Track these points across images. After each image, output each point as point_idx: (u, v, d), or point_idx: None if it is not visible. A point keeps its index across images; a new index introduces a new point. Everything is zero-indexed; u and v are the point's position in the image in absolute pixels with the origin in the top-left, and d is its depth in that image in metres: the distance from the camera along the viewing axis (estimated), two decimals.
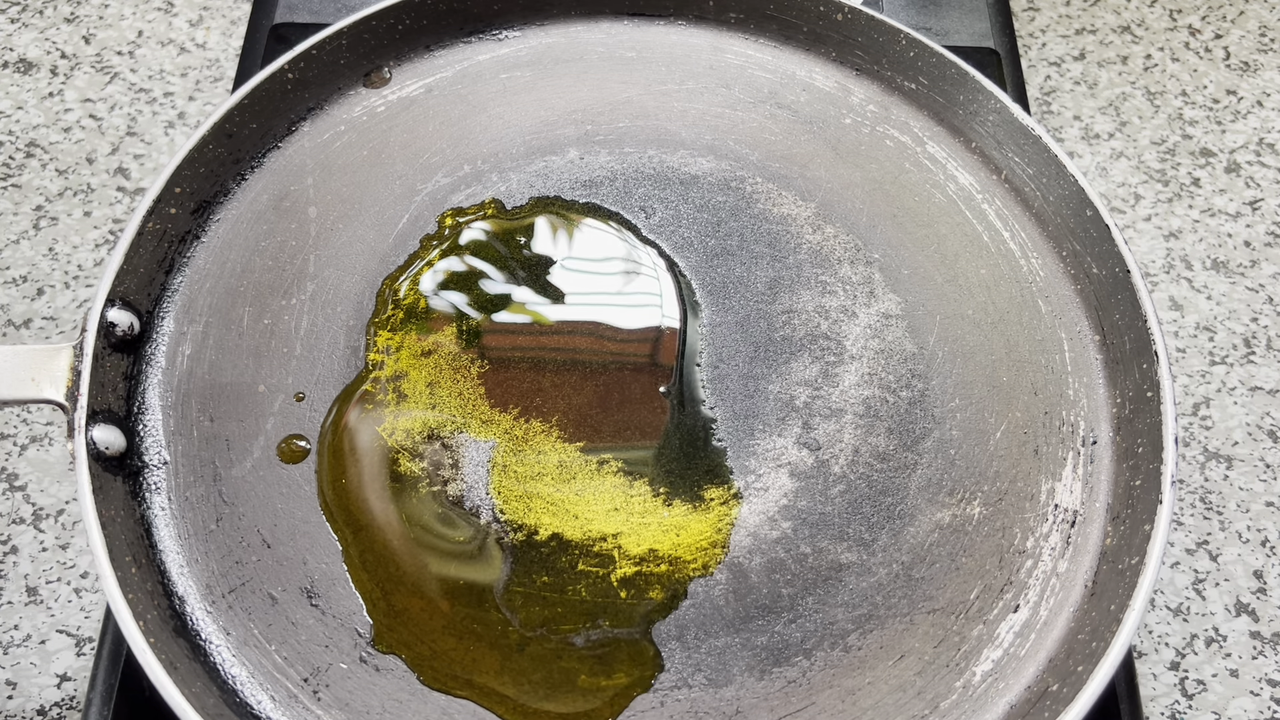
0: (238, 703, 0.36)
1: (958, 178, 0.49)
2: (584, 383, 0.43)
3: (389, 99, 0.50)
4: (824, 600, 0.39)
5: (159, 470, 0.40)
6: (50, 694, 0.44)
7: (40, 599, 0.46)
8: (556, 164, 0.49)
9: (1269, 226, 0.60)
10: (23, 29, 0.64)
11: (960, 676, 0.38)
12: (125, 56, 0.64)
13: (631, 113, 0.50)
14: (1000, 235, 0.47)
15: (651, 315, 0.45)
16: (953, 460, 0.42)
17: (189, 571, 0.38)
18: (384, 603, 0.38)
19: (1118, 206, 0.60)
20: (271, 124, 0.48)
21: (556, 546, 0.39)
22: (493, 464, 0.41)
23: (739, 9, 0.52)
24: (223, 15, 0.66)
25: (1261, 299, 0.57)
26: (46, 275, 0.55)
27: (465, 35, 0.52)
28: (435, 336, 0.44)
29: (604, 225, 0.47)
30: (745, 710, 0.37)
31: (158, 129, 0.61)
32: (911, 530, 0.40)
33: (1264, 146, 0.63)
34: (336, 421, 0.41)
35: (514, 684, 0.37)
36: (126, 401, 0.41)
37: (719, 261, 0.46)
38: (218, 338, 0.43)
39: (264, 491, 0.40)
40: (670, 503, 0.40)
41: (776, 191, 0.48)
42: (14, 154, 0.59)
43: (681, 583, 0.39)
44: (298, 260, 0.45)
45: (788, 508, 0.41)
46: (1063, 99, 0.64)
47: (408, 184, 0.48)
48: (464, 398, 0.42)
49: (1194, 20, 0.68)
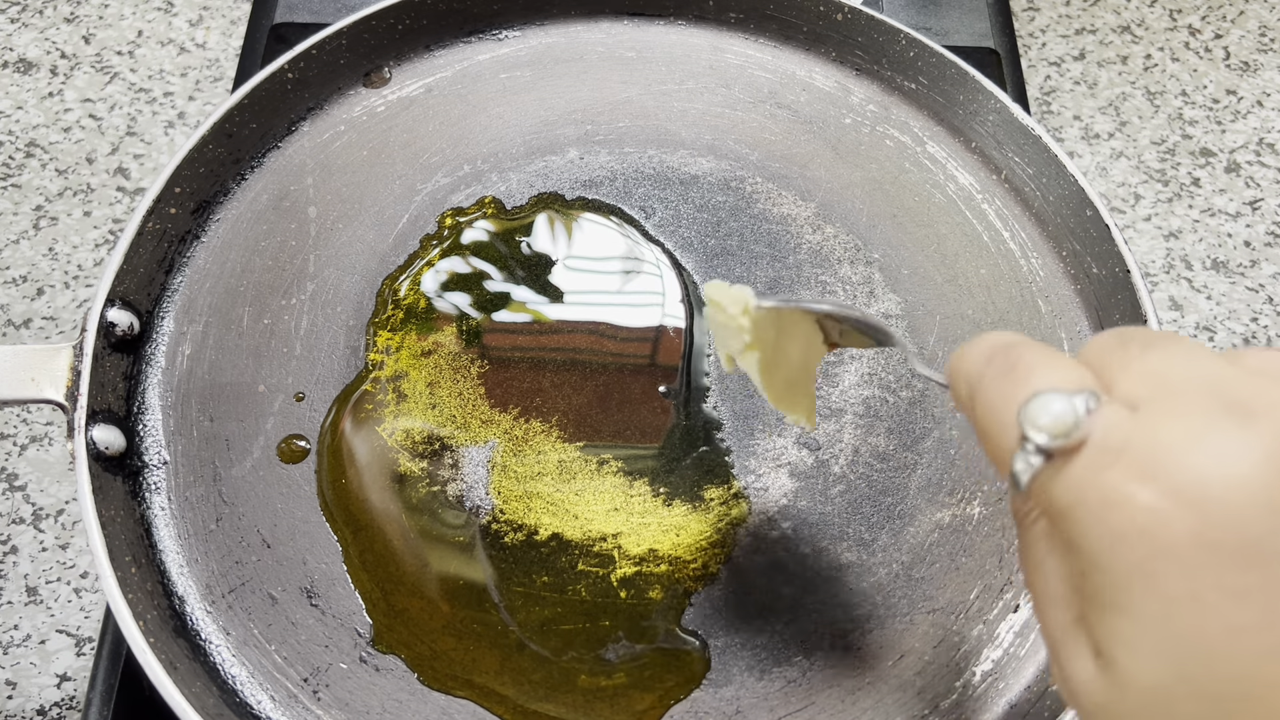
0: (238, 703, 0.36)
1: (958, 178, 0.49)
2: (584, 382, 0.43)
3: (389, 99, 0.50)
4: (824, 600, 0.39)
5: (159, 470, 0.40)
6: (50, 694, 0.44)
7: (40, 599, 0.46)
8: (556, 164, 0.49)
9: (1269, 226, 0.60)
10: (23, 29, 0.64)
11: (960, 676, 0.38)
12: (125, 56, 0.64)
13: (631, 113, 0.50)
14: (1000, 235, 0.47)
15: (653, 315, 0.45)
16: (953, 460, 0.42)
17: (189, 571, 0.38)
18: (384, 603, 0.38)
19: (1118, 206, 0.60)
20: (271, 124, 0.48)
21: (556, 546, 0.39)
22: (493, 464, 0.41)
23: (739, 9, 0.52)
24: (223, 15, 0.66)
25: (1261, 299, 0.57)
26: (46, 275, 0.55)
27: (465, 35, 0.52)
28: (435, 336, 0.44)
29: (607, 222, 0.47)
30: (745, 710, 0.37)
31: (158, 129, 0.61)
32: (911, 530, 0.40)
33: (1264, 146, 0.63)
34: (336, 421, 0.41)
35: (514, 684, 0.37)
36: (126, 401, 0.41)
37: (719, 261, 0.46)
38: (218, 338, 0.43)
39: (264, 491, 0.40)
40: (670, 503, 0.40)
41: (776, 191, 0.48)
42: (14, 154, 0.59)
43: (681, 583, 0.39)
44: (298, 260, 0.45)
45: (788, 508, 0.41)
46: (1063, 99, 0.64)
47: (408, 184, 0.48)
48: (464, 398, 0.42)
49: (1194, 20, 0.68)
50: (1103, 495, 0.21)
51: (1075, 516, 0.22)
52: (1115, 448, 0.21)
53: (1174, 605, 0.20)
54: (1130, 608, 0.21)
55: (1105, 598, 0.21)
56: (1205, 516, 0.20)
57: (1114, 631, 0.21)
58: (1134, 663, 0.21)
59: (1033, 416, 0.22)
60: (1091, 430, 0.22)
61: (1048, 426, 0.22)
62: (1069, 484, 0.22)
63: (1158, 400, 0.21)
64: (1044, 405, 0.22)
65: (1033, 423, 0.22)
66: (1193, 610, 0.20)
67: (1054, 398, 0.22)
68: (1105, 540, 0.21)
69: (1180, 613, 0.20)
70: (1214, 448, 0.20)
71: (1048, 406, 0.22)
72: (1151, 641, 0.21)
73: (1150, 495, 0.20)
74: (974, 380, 0.25)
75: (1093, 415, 0.22)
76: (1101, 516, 0.21)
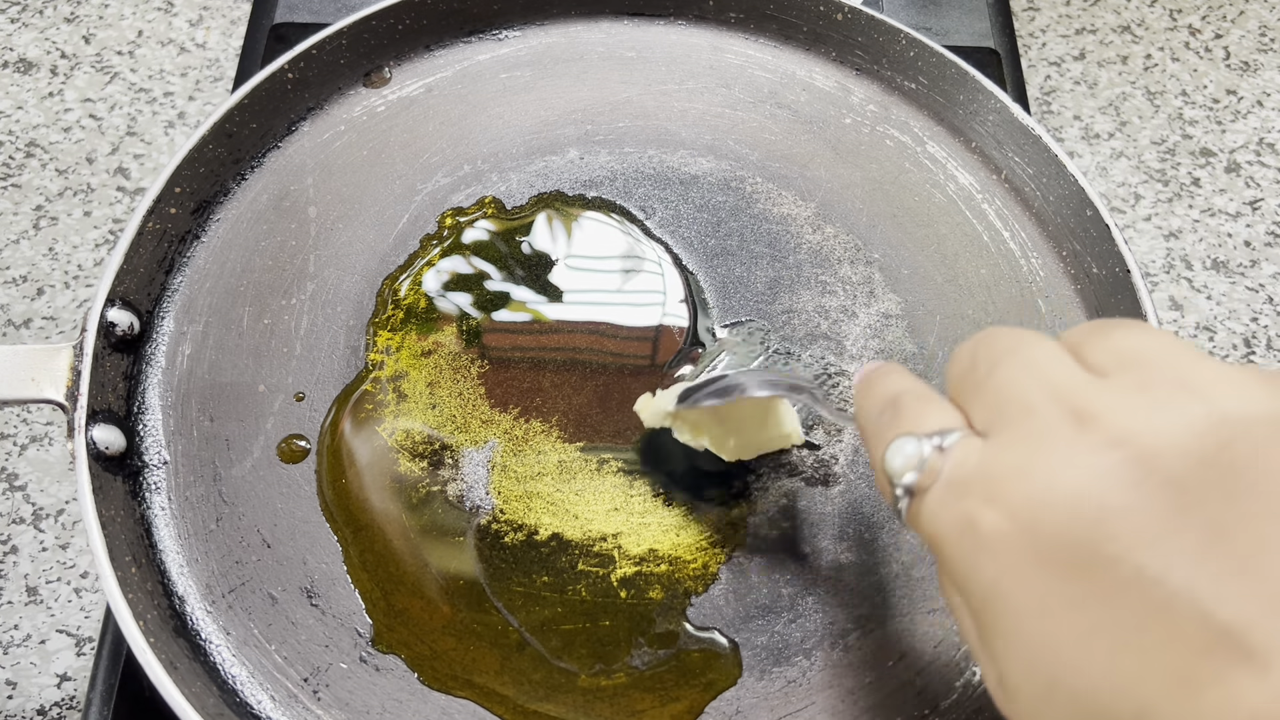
0: (238, 703, 0.36)
1: (958, 178, 0.49)
2: (584, 382, 0.43)
3: (389, 99, 0.50)
4: (824, 600, 0.39)
5: (159, 470, 0.40)
6: (50, 694, 0.44)
7: (40, 599, 0.46)
8: (556, 164, 0.49)
9: (1269, 226, 0.60)
10: (23, 29, 0.64)
11: (960, 676, 0.38)
12: (125, 56, 0.64)
13: (631, 113, 0.50)
14: (1000, 235, 0.47)
15: (654, 314, 0.45)
16: None
17: (189, 571, 0.38)
18: (384, 603, 0.38)
19: (1118, 206, 0.60)
20: (271, 124, 0.48)
21: (556, 546, 0.39)
22: (493, 464, 0.41)
23: (739, 9, 0.52)
24: (223, 15, 0.66)
25: (1261, 299, 0.57)
26: (46, 275, 0.55)
27: (465, 35, 0.52)
28: (435, 336, 0.44)
29: (607, 220, 0.47)
30: (745, 710, 0.37)
31: (158, 129, 0.61)
32: (911, 530, 0.40)
33: (1264, 146, 0.63)
34: (336, 421, 0.41)
35: (514, 684, 0.37)
36: (126, 401, 0.41)
37: (719, 261, 0.46)
38: (218, 338, 0.43)
39: (264, 491, 0.40)
40: (670, 503, 0.40)
41: (776, 191, 0.48)
42: (14, 154, 0.59)
43: (681, 583, 0.39)
44: (298, 260, 0.45)
45: (788, 508, 0.41)
46: (1063, 99, 0.64)
47: (408, 184, 0.48)
48: (464, 398, 0.42)
49: (1194, 20, 0.68)
50: (955, 523, 0.23)
51: (940, 547, 0.24)
52: (964, 479, 0.23)
53: (1026, 619, 0.21)
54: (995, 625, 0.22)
55: (981, 619, 0.23)
56: (1036, 532, 0.21)
57: (993, 649, 0.23)
58: (1012, 676, 0.22)
59: (889, 460, 0.25)
60: (943, 466, 0.24)
61: (899, 468, 0.24)
62: (928, 517, 0.24)
63: (1002, 422, 0.23)
64: (898, 449, 0.25)
65: (890, 466, 0.25)
66: (1043, 622, 0.21)
67: (906, 441, 0.25)
68: (964, 565, 0.23)
69: (1033, 626, 0.21)
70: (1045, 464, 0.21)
71: (901, 449, 0.25)
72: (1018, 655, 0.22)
73: (993, 518, 0.22)
74: (863, 432, 0.28)
75: (945, 452, 0.24)
76: (957, 543, 0.23)
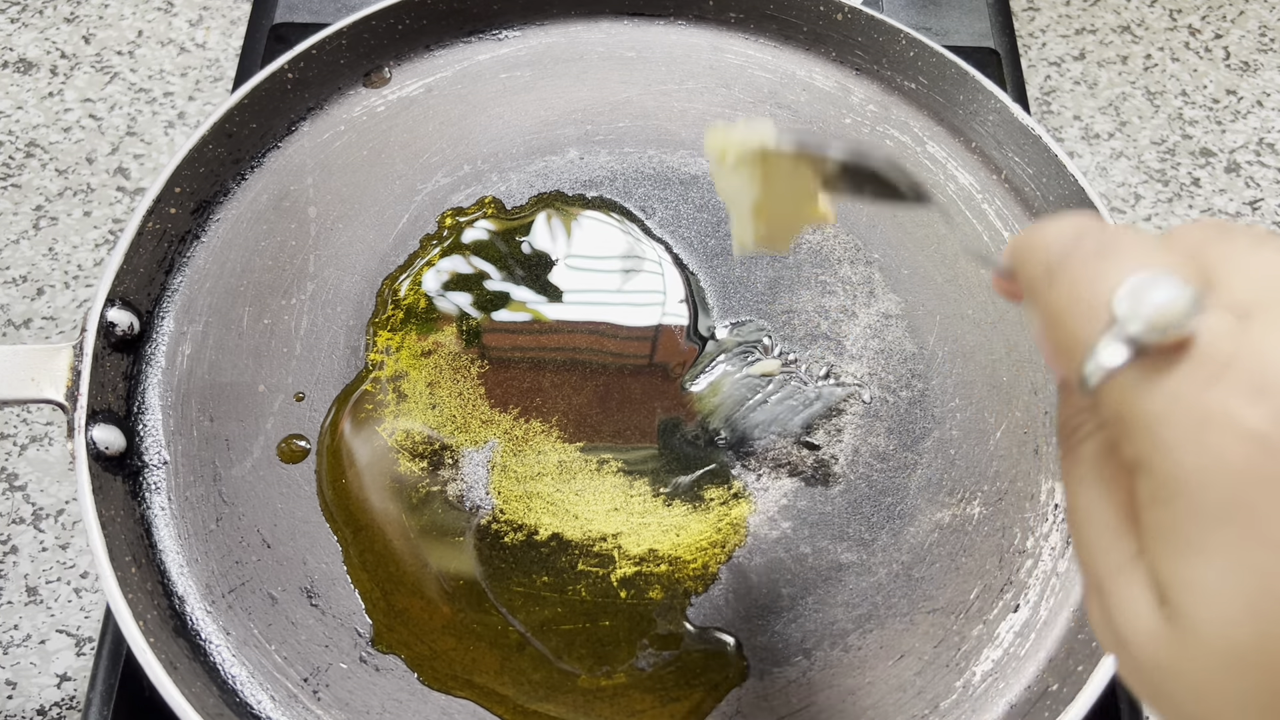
0: (238, 703, 0.36)
1: (958, 178, 0.49)
2: (584, 382, 0.43)
3: (389, 99, 0.50)
4: (824, 600, 0.39)
5: (159, 470, 0.40)
6: (50, 694, 0.44)
7: (40, 599, 0.46)
8: (556, 164, 0.49)
9: (1269, 226, 0.60)
10: (23, 29, 0.64)
11: (960, 676, 0.38)
12: (125, 56, 0.64)
13: (631, 113, 0.50)
14: (1000, 235, 0.47)
15: (653, 314, 0.45)
16: (953, 460, 0.42)
17: (189, 571, 0.38)
18: (384, 603, 0.38)
19: (1118, 206, 0.60)
20: (271, 124, 0.48)
21: (556, 546, 0.39)
22: (493, 464, 0.41)
23: (739, 9, 0.52)
24: (222, 15, 0.66)
25: None
26: (46, 275, 0.55)
27: (465, 35, 0.52)
28: (435, 336, 0.44)
29: (607, 219, 0.47)
30: (745, 710, 0.37)
31: (158, 129, 0.61)
32: (911, 530, 0.40)
33: (1264, 146, 0.63)
34: (336, 421, 0.41)
35: (514, 684, 0.37)
36: (126, 401, 0.41)
37: (719, 261, 0.46)
38: (218, 338, 0.43)
39: (264, 491, 0.40)
40: (670, 503, 0.40)
41: None
42: (14, 154, 0.59)
43: (681, 583, 0.39)
44: (298, 260, 0.45)
45: (788, 508, 0.41)
46: (1063, 99, 0.64)
47: (408, 184, 0.48)
48: (464, 398, 0.42)
49: (1194, 20, 0.68)
50: (1201, 411, 0.18)
51: (1158, 432, 0.18)
52: (1222, 358, 0.18)
53: (1273, 552, 0.17)
54: (1216, 549, 0.17)
55: (1183, 534, 0.18)
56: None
57: (1189, 576, 0.18)
58: (1210, 616, 0.17)
59: (1134, 301, 0.18)
60: (1199, 331, 0.18)
61: (1149, 315, 0.18)
62: (1160, 391, 0.18)
63: (1274, 309, 0.18)
64: (1148, 289, 0.18)
65: (1133, 308, 0.18)
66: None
67: (1162, 282, 0.18)
68: (1196, 465, 0.17)
69: (1269, 558, 0.17)
70: None
71: (1152, 291, 0.18)
72: (1237, 593, 0.17)
73: (1260, 418, 0.17)
74: (1057, 257, 0.21)
75: (1207, 314, 0.18)
76: (1196, 436, 0.18)
